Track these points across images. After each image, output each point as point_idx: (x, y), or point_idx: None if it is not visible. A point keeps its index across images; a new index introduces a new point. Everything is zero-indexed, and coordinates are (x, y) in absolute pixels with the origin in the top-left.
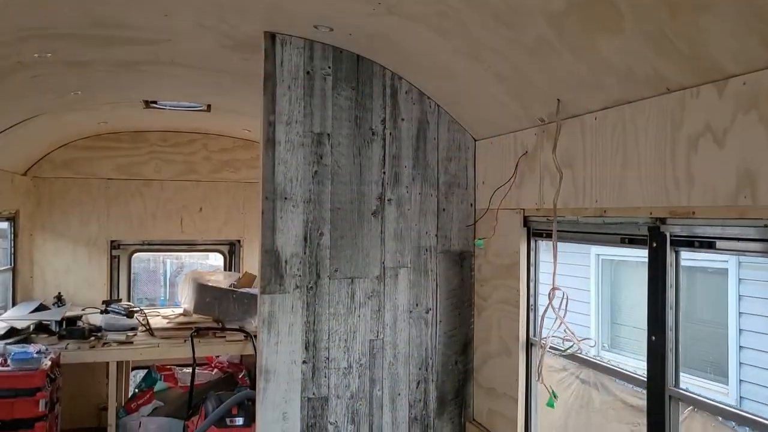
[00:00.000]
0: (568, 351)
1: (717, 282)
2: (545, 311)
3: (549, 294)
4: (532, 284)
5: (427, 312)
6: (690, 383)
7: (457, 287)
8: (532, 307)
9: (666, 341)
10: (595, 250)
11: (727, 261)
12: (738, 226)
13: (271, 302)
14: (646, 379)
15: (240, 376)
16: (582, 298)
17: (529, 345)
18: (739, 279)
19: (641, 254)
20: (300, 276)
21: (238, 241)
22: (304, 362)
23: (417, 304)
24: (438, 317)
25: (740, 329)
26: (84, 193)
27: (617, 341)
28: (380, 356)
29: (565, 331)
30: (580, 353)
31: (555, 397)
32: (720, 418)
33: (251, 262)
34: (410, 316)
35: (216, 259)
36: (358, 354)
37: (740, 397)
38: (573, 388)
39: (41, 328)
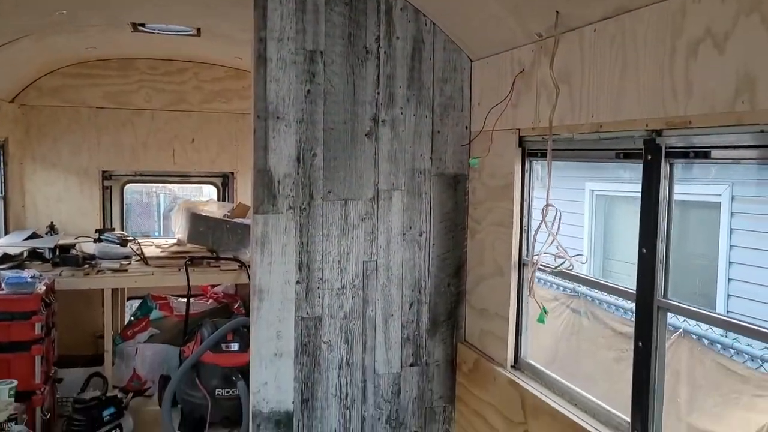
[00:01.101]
0: (560, 268)
1: (709, 216)
2: (538, 227)
3: (542, 210)
4: (525, 205)
5: (420, 235)
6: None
7: (451, 210)
8: (525, 228)
9: (657, 253)
10: (590, 185)
11: (720, 195)
12: (734, 134)
13: (264, 222)
14: (635, 291)
15: (235, 307)
16: (576, 233)
17: (521, 266)
18: (732, 212)
19: (635, 189)
20: (293, 197)
21: (232, 173)
22: (297, 282)
23: (410, 227)
24: (431, 240)
25: (730, 262)
26: (73, 122)
27: (609, 275)
28: (373, 278)
29: (557, 247)
30: (571, 269)
31: (545, 312)
32: (706, 342)
33: (245, 194)
34: (404, 238)
35: (209, 192)
36: (352, 275)
37: (727, 311)
38: (563, 317)
39: (35, 255)
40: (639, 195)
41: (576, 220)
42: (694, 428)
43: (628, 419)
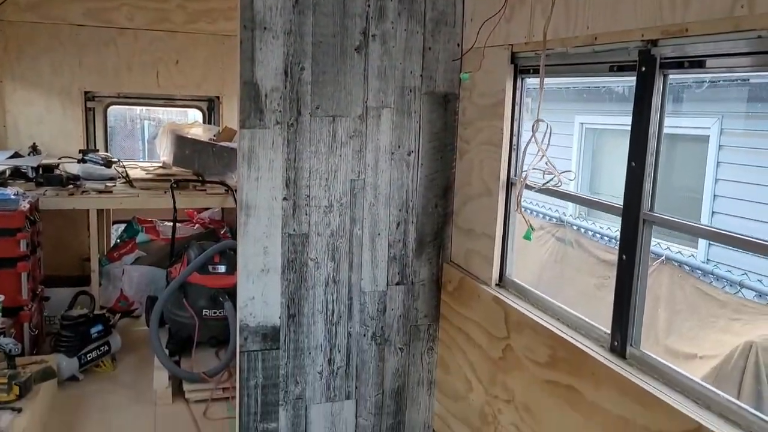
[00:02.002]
0: (548, 185)
1: (697, 150)
2: (528, 143)
3: (533, 126)
4: (516, 124)
5: (409, 154)
6: (659, 248)
7: (441, 130)
8: (515, 147)
9: (645, 166)
10: (580, 118)
11: (709, 128)
12: (731, 41)
13: (251, 137)
14: (621, 206)
15: (222, 232)
16: (564, 167)
17: (509, 185)
18: (720, 146)
19: (625, 122)
20: (280, 112)
21: (218, 97)
22: (284, 199)
23: (399, 146)
24: (420, 160)
25: (715, 195)
26: (54, 39)
27: (594, 210)
28: (361, 196)
29: (546, 163)
30: (559, 186)
31: (532, 229)
32: (687, 268)
33: (231, 119)
34: (392, 157)
35: (195, 117)
36: (339, 193)
37: (708, 259)
38: (548, 246)
39: (17, 174)
40: (629, 128)
41: (565, 153)
42: (671, 350)
43: (609, 331)
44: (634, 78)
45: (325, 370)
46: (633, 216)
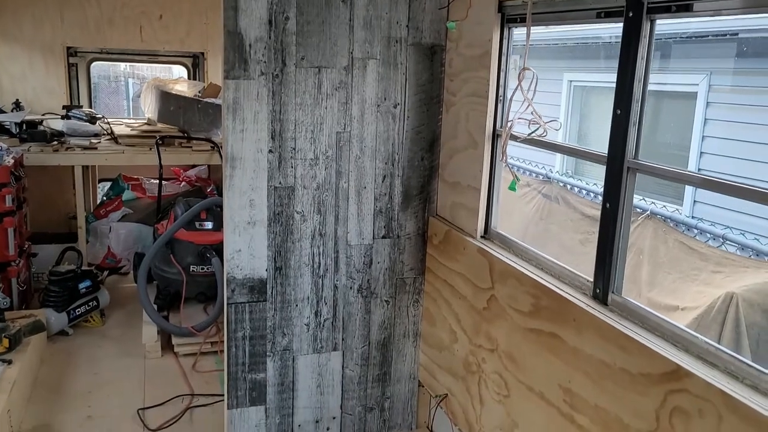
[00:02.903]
0: (534, 135)
1: (684, 106)
2: (514, 91)
3: (519, 75)
4: (502, 75)
5: (395, 107)
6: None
7: (427, 82)
8: (501, 98)
9: (630, 114)
10: (568, 75)
11: (697, 84)
12: None
13: (236, 88)
14: (606, 154)
15: (209, 190)
16: (551, 125)
17: (495, 136)
18: (707, 102)
19: (613, 79)
20: (265, 62)
21: (202, 53)
22: (270, 151)
23: (385, 98)
24: (406, 113)
25: (701, 152)
26: None
27: (581, 168)
28: (347, 149)
29: (532, 113)
30: (544, 136)
31: (517, 180)
32: (671, 223)
33: (216, 76)
34: (378, 110)
35: (180, 73)
36: (325, 146)
37: (692, 216)
38: (534, 203)
39: (1, 130)
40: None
41: (553, 112)
42: (654, 302)
43: (591, 279)
44: (621, 24)
45: (312, 322)
46: (617, 164)
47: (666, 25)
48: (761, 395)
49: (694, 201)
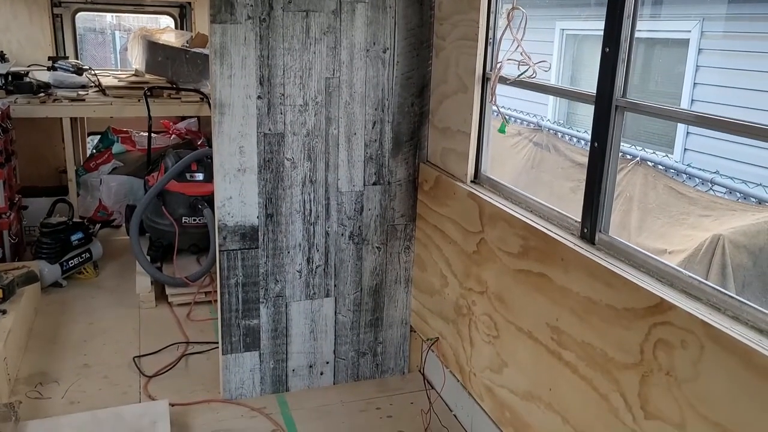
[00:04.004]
0: (523, 77)
1: (676, 54)
2: (503, 32)
3: (508, 14)
4: (492, 17)
5: (384, 51)
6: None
7: (416, 27)
8: (491, 41)
9: (619, 52)
10: (560, 24)
11: (689, 31)
12: None
13: (222, 32)
14: (594, 93)
15: (199, 143)
16: (544, 75)
17: (485, 80)
18: (699, 49)
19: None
20: (252, 6)
21: (189, 3)
22: (259, 98)
23: (374, 43)
24: (395, 58)
25: (692, 99)
26: None
27: (573, 118)
28: (336, 95)
29: (521, 54)
30: (534, 77)
31: (507, 122)
32: (660, 167)
33: (204, 26)
34: (367, 55)
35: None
36: (314, 92)
37: (683, 163)
38: (525, 152)
39: None
40: None
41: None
42: (642, 246)
43: (579, 219)
44: None
45: (304, 269)
46: (606, 102)
47: None
48: (742, 325)
49: (685, 149)
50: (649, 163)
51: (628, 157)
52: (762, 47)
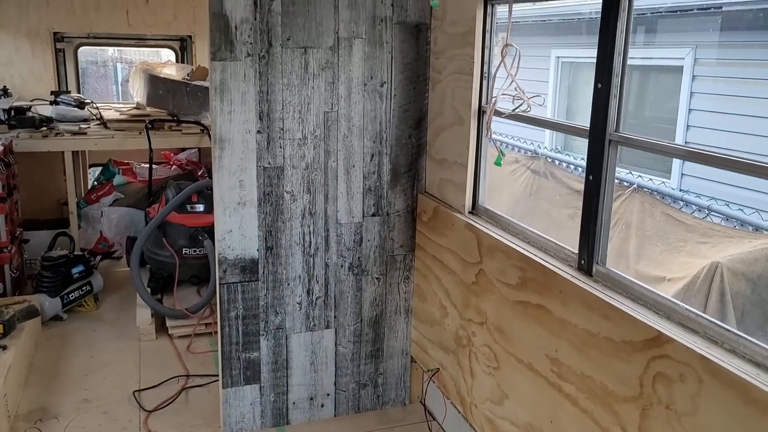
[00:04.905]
0: (518, 111)
1: (670, 80)
2: (498, 68)
3: (502, 51)
4: (487, 52)
5: (381, 85)
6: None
7: (413, 61)
8: (486, 75)
9: (611, 88)
10: (556, 51)
11: (683, 58)
12: None
13: (223, 69)
14: (588, 127)
15: (199, 173)
16: (535, 100)
17: (480, 113)
18: (693, 76)
19: None
20: (251, 43)
21: (190, 36)
22: (258, 132)
23: (371, 77)
24: (393, 91)
25: (688, 125)
26: None
27: (570, 143)
28: (335, 128)
29: (516, 89)
30: (528, 112)
31: (502, 155)
32: (657, 196)
33: (204, 58)
34: (365, 89)
35: (168, 57)
36: (313, 126)
37: (680, 189)
38: (523, 179)
39: None
40: None
41: (541, 88)
42: (641, 274)
43: (576, 251)
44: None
45: (304, 301)
46: (599, 137)
47: None
48: (740, 359)
49: (682, 174)
50: (645, 190)
51: (625, 184)
52: (755, 74)
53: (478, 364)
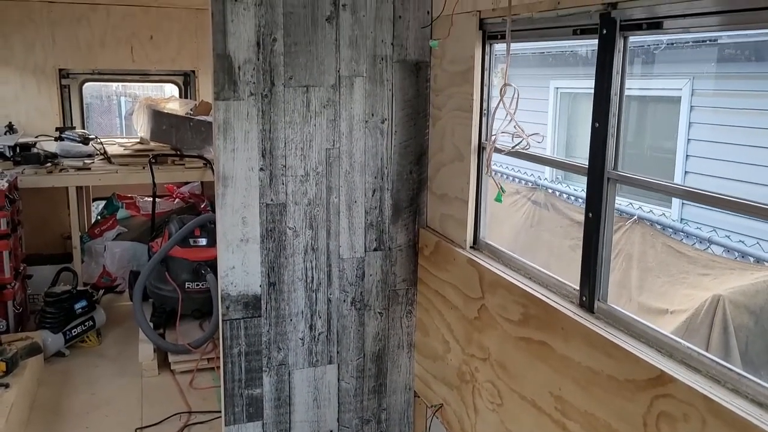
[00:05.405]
0: (517, 148)
1: (669, 110)
2: (497, 107)
3: (500, 90)
4: (486, 89)
5: (382, 122)
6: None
7: (413, 98)
8: (485, 112)
9: (608, 127)
10: (554, 83)
11: (681, 89)
12: (685, 1)
13: (226, 109)
14: (587, 166)
15: (202, 206)
16: (540, 131)
17: (480, 149)
18: (691, 106)
19: None
20: (254, 83)
21: (193, 71)
22: (261, 169)
23: (373, 114)
24: (393, 128)
25: (687, 155)
26: (25, 17)
27: (570, 174)
28: (336, 165)
29: (515, 127)
30: (527, 149)
31: (503, 191)
32: (658, 227)
33: (207, 94)
34: (366, 126)
35: (171, 92)
36: (315, 162)
37: (681, 218)
38: (524, 210)
39: None
40: None
41: (541, 118)
42: (644, 306)
43: (577, 287)
44: (596, 41)
45: (306, 336)
46: (597, 175)
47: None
48: (742, 398)
49: (683, 203)
50: (646, 222)
51: (626, 215)
52: (753, 104)
53: (481, 400)
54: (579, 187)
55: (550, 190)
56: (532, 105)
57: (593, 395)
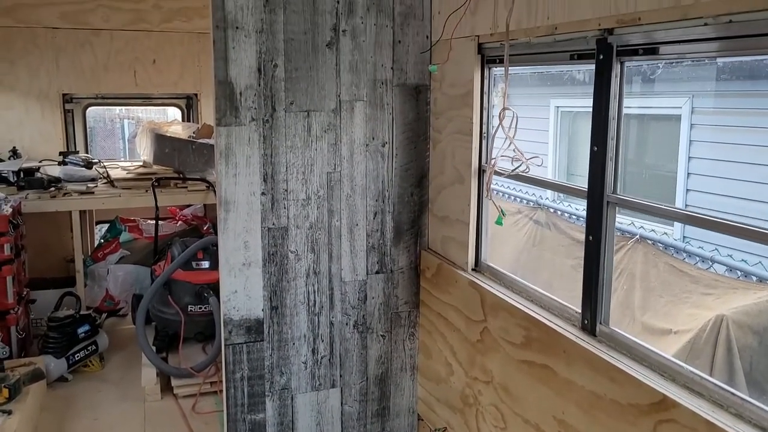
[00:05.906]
0: (516, 171)
1: (669, 128)
2: (495, 131)
3: (500, 114)
4: (485, 113)
5: (383, 145)
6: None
7: (413, 121)
8: (485, 135)
9: (607, 150)
10: (555, 102)
11: (680, 107)
12: (680, 28)
13: (228, 134)
14: (586, 189)
15: (205, 228)
16: (541, 150)
17: (481, 172)
18: (692, 124)
19: None
20: (255, 108)
21: (195, 94)
22: (263, 194)
23: (373, 138)
24: (394, 151)
25: (689, 173)
26: (30, 43)
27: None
28: (338, 188)
29: (514, 150)
30: (527, 173)
31: (503, 214)
32: (660, 246)
33: (209, 116)
34: (367, 149)
35: (174, 115)
36: (316, 186)
37: (684, 236)
38: (526, 230)
39: None
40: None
41: (542, 137)
42: (648, 326)
43: (579, 310)
44: (594, 65)
45: (309, 360)
46: (597, 198)
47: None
48: (745, 423)
49: (686, 204)
50: (648, 241)
51: (628, 235)
52: (753, 122)
53: (485, 423)
54: (580, 206)
55: (551, 210)
56: (533, 124)
57: (596, 420)
